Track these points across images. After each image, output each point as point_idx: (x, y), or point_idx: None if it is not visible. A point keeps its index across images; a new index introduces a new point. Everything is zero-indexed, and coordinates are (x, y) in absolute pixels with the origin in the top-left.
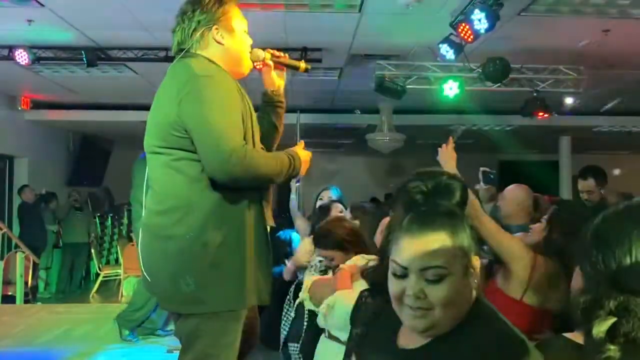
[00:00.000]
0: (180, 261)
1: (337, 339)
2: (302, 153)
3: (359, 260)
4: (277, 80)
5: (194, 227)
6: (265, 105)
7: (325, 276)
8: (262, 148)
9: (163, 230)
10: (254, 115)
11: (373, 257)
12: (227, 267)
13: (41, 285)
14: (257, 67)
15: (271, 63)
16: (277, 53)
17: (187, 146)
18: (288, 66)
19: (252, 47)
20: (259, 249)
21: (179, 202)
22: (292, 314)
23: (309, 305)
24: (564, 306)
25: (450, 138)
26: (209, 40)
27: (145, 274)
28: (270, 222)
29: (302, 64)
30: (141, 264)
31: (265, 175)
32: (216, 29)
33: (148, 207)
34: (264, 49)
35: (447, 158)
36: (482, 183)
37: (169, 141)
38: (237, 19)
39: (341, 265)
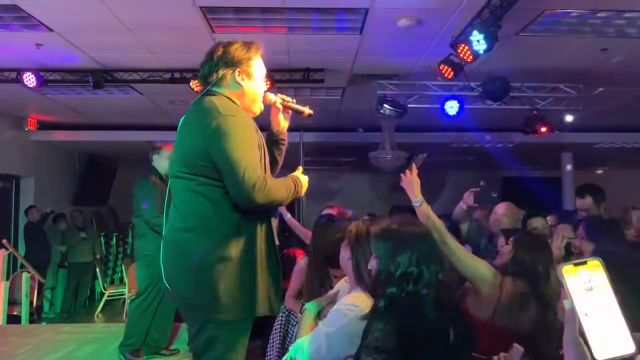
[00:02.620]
0: (199, 274)
1: None
2: (303, 178)
3: (342, 284)
4: (282, 122)
5: (214, 243)
6: (270, 141)
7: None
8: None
9: (186, 246)
10: (265, 146)
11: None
12: (240, 280)
13: (46, 305)
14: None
15: (280, 107)
16: (286, 98)
17: (210, 174)
18: (294, 110)
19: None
20: (269, 264)
21: (201, 222)
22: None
23: None
24: (533, 328)
25: (414, 165)
26: (230, 81)
27: (167, 285)
28: (276, 241)
29: (307, 110)
30: (164, 276)
31: (280, 200)
32: (238, 72)
33: (171, 225)
34: (275, 94)
35: (412, 186)
36: (472, 202)
37: (193, 168)
38: (258, 67)
39: (306, 305)
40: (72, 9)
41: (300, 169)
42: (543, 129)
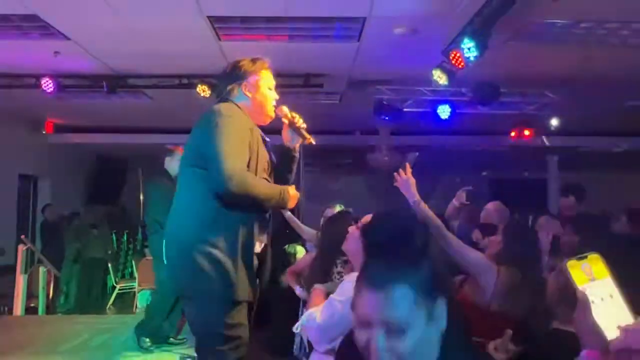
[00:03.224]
0: (187, 255)
1: (317, 351)
2: (292, 191)
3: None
4: (293, 139)
5: (198, 229)
6: (283, 155)
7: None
8: (264, 178)
9: (176, 229)
10: (261, 150)
11: None
12: (221, 264)
13: (61, 297)
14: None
15: (286, 121)
16: (295, 119)
17: (201, 166)
18: (297, 132)
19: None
20: (246, 257)
21: (189, 208)
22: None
23: None
24: (526, 311)
25: (407, 164)
26: (238, 93)
27: (166, 262)
28: (263, 241)
29: (310, 138)
30: (164, 256)
31: (257, 197)
32: (245, 85)
33: (172, 211)
34: (290, 111)
35: (408, 185)
36: (464, 200)
37: (190, 160)
38: (264, 79)
39: (315, 285)
40: (88, 18)
41: (293, 187)
42: (527, 132)
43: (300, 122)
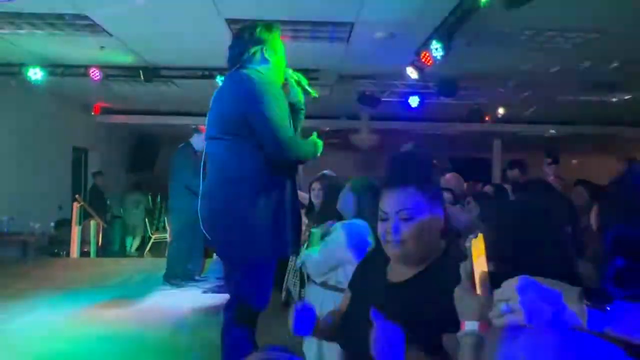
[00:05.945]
0: (232, 219)
1: (314, 282)
2: (318, 142)
3: None
4: (300, 97)
5: (243, 193)
6: (292, 111)
7: None
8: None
9: (222, 196)
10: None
11: None
12: (266, 224)
13: (115, 244)
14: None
15: (292, 81)
16: (300, 80)
17: (243, 134)
18: (303, 89)
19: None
20: (292, 213)
21: (233, 175)
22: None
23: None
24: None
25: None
26: (260, 56)
27: (205, 231)
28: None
29: (315, 94)
30: (201, 224)
31: (305, 157)
32: (266, 49)
33: (209, 180)
34: (294, 72)
35: None
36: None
37: (229, 130)
38: (279, 43)
39: (312, 229)
40: (128, 19)
41: (315, 134)
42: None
43: (304, 82)
